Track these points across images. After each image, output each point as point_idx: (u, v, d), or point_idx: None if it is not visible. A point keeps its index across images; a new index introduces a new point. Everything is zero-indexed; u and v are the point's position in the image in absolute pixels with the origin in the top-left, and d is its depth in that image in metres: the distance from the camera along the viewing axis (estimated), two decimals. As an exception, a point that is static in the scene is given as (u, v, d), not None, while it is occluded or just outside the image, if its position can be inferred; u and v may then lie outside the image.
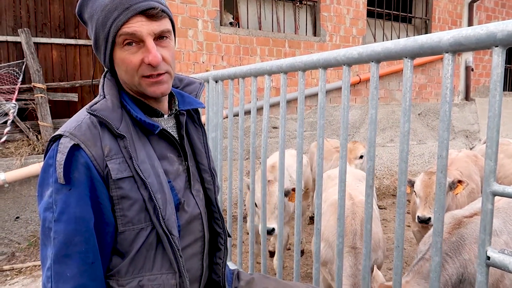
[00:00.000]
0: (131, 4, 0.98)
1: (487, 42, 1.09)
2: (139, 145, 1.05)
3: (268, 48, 5.61)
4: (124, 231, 1.03)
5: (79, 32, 4.73)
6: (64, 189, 0.96)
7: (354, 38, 6.45)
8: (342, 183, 1.64)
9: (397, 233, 1.41)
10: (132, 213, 1.02)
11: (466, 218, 1.90)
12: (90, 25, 1.05)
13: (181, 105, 1.19)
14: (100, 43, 1.03)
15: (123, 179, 1.01)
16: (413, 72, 1.35)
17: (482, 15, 8.01)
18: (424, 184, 2.78)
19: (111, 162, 1.00)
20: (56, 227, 0.96)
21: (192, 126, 1.25)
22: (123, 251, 1.04)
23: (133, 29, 0.99)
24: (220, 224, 1.27)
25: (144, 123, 1.06)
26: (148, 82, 1.04)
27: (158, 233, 1.05)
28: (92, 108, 1.02)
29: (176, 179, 1.13)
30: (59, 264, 0.95)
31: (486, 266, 1.13)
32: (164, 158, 1.11)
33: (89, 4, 1.03)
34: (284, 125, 1.96)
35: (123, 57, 1.02)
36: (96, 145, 1.00)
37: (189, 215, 1.14)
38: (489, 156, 1.12)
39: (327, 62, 1.65)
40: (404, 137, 1.36)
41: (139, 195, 1.02)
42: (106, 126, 1.02)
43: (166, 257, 1.07)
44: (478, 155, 3.97)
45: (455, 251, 1.75)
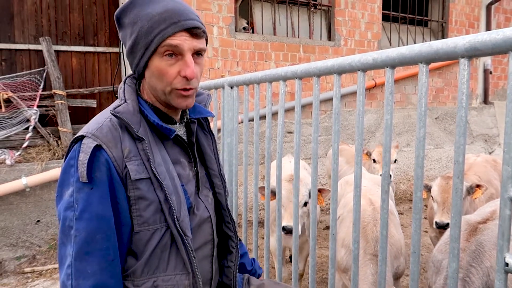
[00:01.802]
0: (180, 20, 1.06)
1: (503, 47, 1.08)
2: (156, 149, 1.10)
3: (282, 53, 5.63)
4: (139, 231, 1.06)
5: (97, 40, 4.84)
6: (85, 188, 1.00)
7: (369, 42, 6.42)
8: (357, 188, 1.64)
9: (413, 239, 1.40)
10: (148, 213, 1.06)
11: (481, 224, 1.88)
12: (129, 30, 1.09)
13: (191, 114, 1.25)
14: (137, 49, 1.08)
15: (141, 180, 1.05)
16: (428, 77, 1.35)
17: (500, 18, 7.88)
18: (442, 189, 2.75)
19: (130, 163, 1.04)
20: (77, 225, 0.99)
21: (201, 134, 1.30)
22: (138, 252, 1.08)
23: (177, 42, 1.05)
24: (231, 227, 1.30)
25: (161, 128, 1.11)
26: (178, 93, 1.10)
27: (172, 234, 1.09)
28: (116, 110, 1.06)
29: (188, 183, 1.17)
30: (80, 261, 0.98)
31: (505, 272, 1.12)
32: (177, 162, 1.17)
33: (133, 10, 1.08)
34: (299, 130, 1.97)
35: (161, 66, 1.07)
36: (117, 146, 1.04)
37: (199, 218, 1.18)
38: (506, 162, 1.11)
39: (341, 68, 1.66)
40: (420, 142, 1.36)
41: (155, 196, 1.06)
42: (126, 129, 1.08)
43: (180, 258, 1.11)
44: (498, 159, 3.90)
45: (477, 260, 1.73)
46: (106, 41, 4.87)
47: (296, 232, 1.98)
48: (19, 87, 4.33)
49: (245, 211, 2.51)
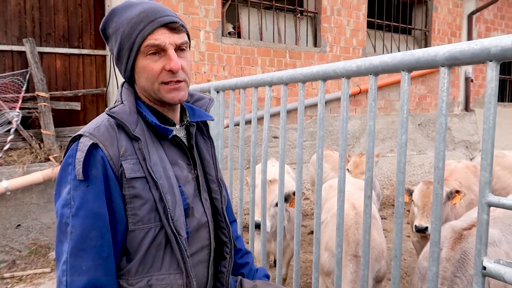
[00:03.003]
0: (156, 18, 1.09)
1: (481, 57, 1.12)
2: (152, 149, 1.12)
3: (269, 58, 5.67)
4: (134, 230, 1.08)
5: (82, 42, 4.79)
6: (82, 185, 1.02)
7: (355, 49, 6.52)
8: (341, 193, 1.66)
9: (395, 243, 1.42)
10: (143, 212, 1.08)
11: (466, 231, 1.92)
12: (114, 38, 1.13)
13: (191, 117, 1.27)
14: (123, 53, 1.12)
15: (136, 178, 1.07)
16: (410, 85, 1.38)
17: (481, 27, 8.09)
18: (422, 193, 2.81)
19: (126, 162, 1.06)
20: (73, 221, 1.01)
21: (201, 138, 1.32)
22: (132, 250, 1.09)
23: (158, 39, 1.09)
24: (226, 233, 1.31)
25: (158, 128, 1.14)
26: (167, 88, 1.13)
27: (166, 234, 1.10)
28: (112, 111, 1.09)
29: (186, 185, 1.19)
30: (75, 258, 1.00)
31: (483, 276, 1.15)
32: (175, 164, 1.18)
33: (114, 19, 1.13)
34: (284, 135, 1.99)
35: (145, 65, 1.11)
36: (113, 145, 1.07)
37: (197, 222, 1.19)
38: (484, 168, 1.14)
39: (326, 74, 1.69)
40: (402, 148, 1.39)
41: (150, 195, 1.08)
42: (123, 129, 1.10)
43: (174, 258, 1.12)
44: (478, 166, 3.99)
45: (461, 269, 1.76)
46: (91, 43, 4.82)
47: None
48: (1, 88, 4.25)
49: (230, 215, 2.51)
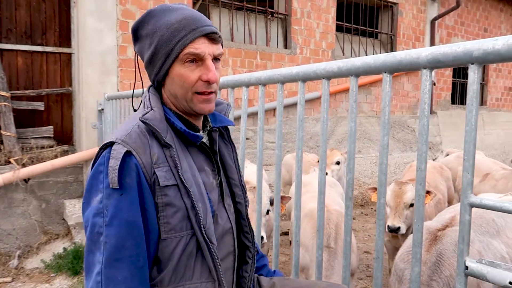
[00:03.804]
0: (198, 27, 1.09)
1: (463, 60, 1.14)
2: (182, 156, 1.11)
3: (240, 59, 5.64)
4: (166, 239, 1.06)
5: (46, 39, 4.57)
6: (115, 194, 1.00)
7: (324, 52, 6.60)
8: (321, 195, 1.66)
9: (377, 245, 1.43)
10: (175, 220, 1.06)
11: (440, 231, 1.96)
12: (148, 40, 1.11)
13: (213, 122, 1.26)
14: (158, 58, 1.10)
15: (169, 186, 1.05)
16: (391, 86, 1.39)
17: (443, 32, 8.42)
18: (394, 194, 2.86)
19: (158, 169, 1.05)
20: (107, 231, 0.99)
21: (222, 143, 1.31)
22: (164, 259, 1.07)
23: (198, 49, 1.08)
24: (249, 237, 1.30)
25: (188, 135, 1.13)
26: (200, 98, 1.12)
27: (197, 242, 1.09)
28: (145, 117, 1.08)
29: (212, 191, 1.17)
30: (110, 269, 0.98)
31: (465, 276, 1.17)
32: (202, 170, 1.17)
33: (151, 21, 1.11)
34: (262, 136, 1.97)
35: (182, 73, 1.09)
36: (146, 152, 1.05)
37: (222, 229, 1.17)
38: (466, 169, 1.16)
39: (306, 75, 1.67)
40: (384, 150, 1.39)
41: (182, 203, 1.06)
42: (154, 135, 1.08)
43: (205, 266, 1.10)
44: (444, 166, 4.13)
45: (437, 272, 1.79)
46: (55, 40, 4.60)
47: (259, 240, 1.96)
48: (-45, 86, 3.98)
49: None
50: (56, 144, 4.61)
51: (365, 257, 4.46)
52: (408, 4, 7.68)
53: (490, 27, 9.44)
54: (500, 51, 1.05)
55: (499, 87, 9.96)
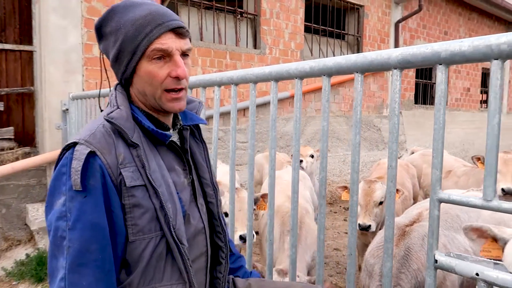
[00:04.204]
0: (164, 21, 1.06)
1: (432, 60, 1.18)
2: (150, 155, 1.08)
3: (209, 59, 5.60)
4: (134, 241, 1.04)
5: (5, 36, 4.35)
6: (79, 196, 0.97)
7: (293, 52, 6.67)
8: (294, 194, 1.67)
9: (349, 242, 1.45)
10: (144, 222, 1.04)
11: (408, 227, 2.02)
12: (112, 38, 1.08)
13: (184, 121, 1.24)
14: (124, 55, 1.07)
15: (136, 187, 1.03)
16: (363, 86, 1.42)
17: (406, 35, 8.71)
18: (364, 192, 2.92)
19: (125, 170, 1.02)
20: (71, 235, 0.96)
21: (193, 142, 1.28)
22: (132, 262, 1.05)
23: (166, 45, 1.05)
24: (222, 238, 1.28)
25: (156, 134, 1.10)
26: (169, 97, 1.10)
27: (167, 243, 1.07)
28: (110, 116, 1.04)
29: (183, 191, 1.15)
30: (74, 274, 0.95)
31: (434, 269, 1.21)
32: (172, 169, 1.15)
33: (115, 18, 1.08)
34: (234, 136, 1.96)
35: (150, 70, 1.07)
36: (111, 153, 1.02)
37: (194, 229, 1.16)
38: (435, 166, 1.20)
39: (279, 75, 1.68)
40: (356, 148, 1.42)
41: (150, 203, 1.04)
42: (120, 135, 1.06)
43: (175, 268, 1.09)
44: (410, 164, 4.27)
45: (405, 265, 1.85)
46: (16, 38, 4.39)
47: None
48: None
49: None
50: (17, 146, 4.41)
51: (335, 254, 4.53)
52: (374, 7, 7.89)
53: (450, 30, 9.85)
54: (465, 53, 1.10)
55: (458, 88, 10.42)
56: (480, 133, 10.98)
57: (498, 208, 1.06)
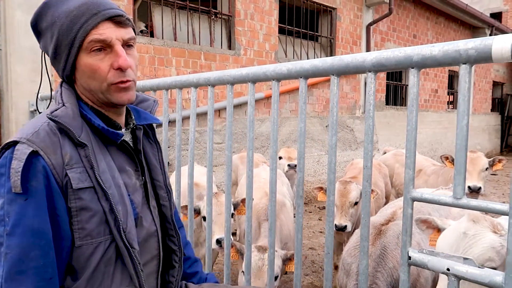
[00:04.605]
0: (99, 10, 1.00)
1: (404, 64, 1.22)
2: (100, 155, 1.03)
3: (183, 59, 5.55)
4: (81, 246, 0.98)
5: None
6: (18, 199, 0.91)
7: (267, 53, 6.70)
8: (272, 194, 1.68)
9: (327, 241, 1.48)
10: (92, 225, 0.99)
11: (383, 226, 2.08)
12: (49, 33, 1.02)
13: (137, 120, 1.19)
14: (61, 50, 1.01)
15: (84, 189, 0.98)
16: (339, 88, 1.45)
17: (377, 37, 8.92)
18: (340, 193, 2.97)
19: (71, 171, 0.97)
20: (9, 241, 0.89)
21: (147, 142, 1.24)
22: (78, 268, 0.99)
23: (104, 35, 0.99)
24: (175, 241, 1.25)
25: (107, 132, 1.05)
26: (116, 88, 1.04)
27: (117, 247, 1.02)
28: (54, 114, 0.98)
29: (134, 193, 1.11)
30: (11, 282, 0.89)
31: (408, 265, 1.25)
32: (123, 170, 1.10)
33: (48, 12, 1.01)
34: (211, 137, 1.95)
35: (90, 63, 1.01)
36: (56, 153, 0.96)
37: (146, 232, 1.12)
38: (408, 166, 1.24)
39: (256, 76, 1.69)
40: (332, 149, 1.45)
41: (99, 206, 0.99)
42: (66, 134, 1.00)
43: (126, 272, 1.04)
44: (382, 163, 4.37)
45: (381, 264, 1.90)
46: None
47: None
48: None
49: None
50: (-18, 148, 4.22)
51: (310, 253, 4.60)
52: (346, 10, 8.04)
53: (418, 34, 10.17)
54: (436, 57, 1.14)
55: (427, 89, 10.76)
56: (447, 133, 11.39)
57: (467, 205, 1.11)
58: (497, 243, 1.41)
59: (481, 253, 1.40)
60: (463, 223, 1.50)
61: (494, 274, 1.04)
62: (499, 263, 1.39)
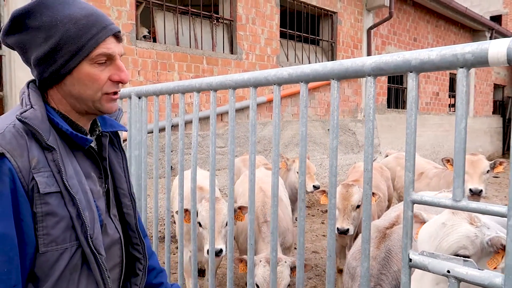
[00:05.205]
0: (107, 25, 1.04)
1: (403, 68, 1.23)
2: (67, 160, 1.01)
3: (186, 64, 5.59)
4: (45, 252, 0.95)
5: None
6: None
7: (269, 57, 6.74)
8: (274, 198, 1.70)
9: (329, 244, 1.49)
10: (57, 231, 0.96)
11: (388, 229, 2.09)
12: (41, 34, 0.99)
13: (103, 127, 1.19)
14: (60, 54, 1.00)
15: (51, 194, 0.95)
16: (339, 92, 1.47)
17: (378, 41, 8.95)
18: (342, 196, 2.98)
19: (38, 175, 0.94)
20: None
21: (111, 150, 1.22)
22: (42, 276, 0.96)
23: (111, 50, 1.04)
24: (140, 249, 1.23)
25: (75, 137, 1.04)
26: (108, 98, 1.07)
27: (83, 254, 1.00)
28: (23, 115, 0.95)
29: (98, 199, 1.09)
30: None
31: (409, 267, 1.26)
32: (88, 177, 1.08)
33: (46, 12, 0.99)
34: (214, 141, 1.97)
35: (92, 73, 1.03)
36: (23, 155, 0.93)
37: (110, 239, 1.11)
38: (407, 169, 1.26)
39: (258, 81, 1.71)
40: (333, 152, 1.47)
41: (66, 212, 0.97)
42: (34, 137, 0.97)
43: (91, 279, 1.03)
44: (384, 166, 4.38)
45: (386, 267, 1.91)
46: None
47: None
48: None
49: (156, 226, 2.41)
50: (-14, 153, 4.26)
51: (314, 256, 4.60)
52: (346, 14, 8.08)
53: (419, 37, 10.20)
54: (434, 61, 1.16)
55: (428, 92, 10.78)
56: (449, 136, 11.39)
57: (467, 207, 1.12)
58: (472, 233, 1.53)
59: (456, 241, 1.53)
60: (443, 215, 1.62)
61: (494, 276, 1.05)
62: (473, 252, 1.51)
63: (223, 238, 2.69)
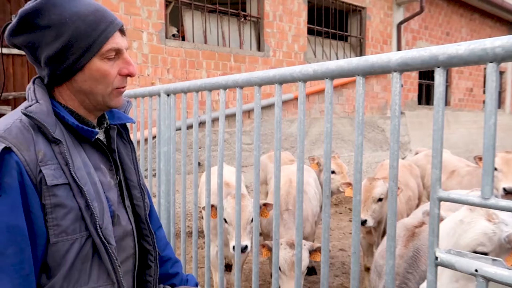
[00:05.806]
0: (113, 20, 1.06)
1: (430, 63, 1.22)
2: (75, 152, 1.03)
3: (214, 62, 5.66)
4: (57, 242, 0.98)
5: (12, 41, 4.43)
6: None
7: (296, 54, 6.71)
8: (300, 194, 1.71)
9: (353, 240, 1.49)
10: (67, 222, 0.98)
11: (417, 228, 2.06)
12: (51, 32, 1.00)
13: (110, 120, 1.21)
14: (71, 52, 1.01)
15: (58, 186, 0.97)
16: (365, 89, 1.46)
17: (408, 36, 8.73)
18: (364, 188, 2.96)
19: (45, 167, 0.96)
20: None
21: (120, 142, 1.24)
22: (54, 265, 0.99)
23: (119, 44, 1.06)
24: (149, 241, 1.25)
25: (81, 130, 1.06)
26: (117, 92, 1.11)
27: (94, 244, 1.03)
28: (28, 110, 0.97)
29: (109, 191, 1.11)
30: None
31: (435, 266, 1.25)
32: (98, 168, 1.10)
33: (54, 10, 0.99)
34: (240, 138, 2.00)
35: (104, 68, 1.05)
36: (29, 149, 0.95)
37: (123, 230, 1.13)
38: (434, 166, 1.24)
39: (283, 78, 1.72)
40: (358, 149, 1.46)
41: (75, 203, 0.99)
42: (40, 130, 0.99)
43: (103, 268, 1.05)
44: (413, 164, 4.29)
45: (413, 266, 1.89)
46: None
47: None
48: None
49: (183, 220, 2.47)
50: (25, 150, 4.48)
51: (341, 254, 4.57)
52: (376, 9, 7.93)
53: (452, 31, 9.87)
54: (462, 56, 1.14)
55: (461, 88, 10.42)
56: (484, 133, 10.96)
57: (495, 206, 1.10)
58: (489, 230, 1.50)
59: (474, 238, 1.51)
60: (461, 212, 1.60)
61: (524, 275, 1.02)
62: (491, 249, 1.49)
63: (248, 235, 2.72)
